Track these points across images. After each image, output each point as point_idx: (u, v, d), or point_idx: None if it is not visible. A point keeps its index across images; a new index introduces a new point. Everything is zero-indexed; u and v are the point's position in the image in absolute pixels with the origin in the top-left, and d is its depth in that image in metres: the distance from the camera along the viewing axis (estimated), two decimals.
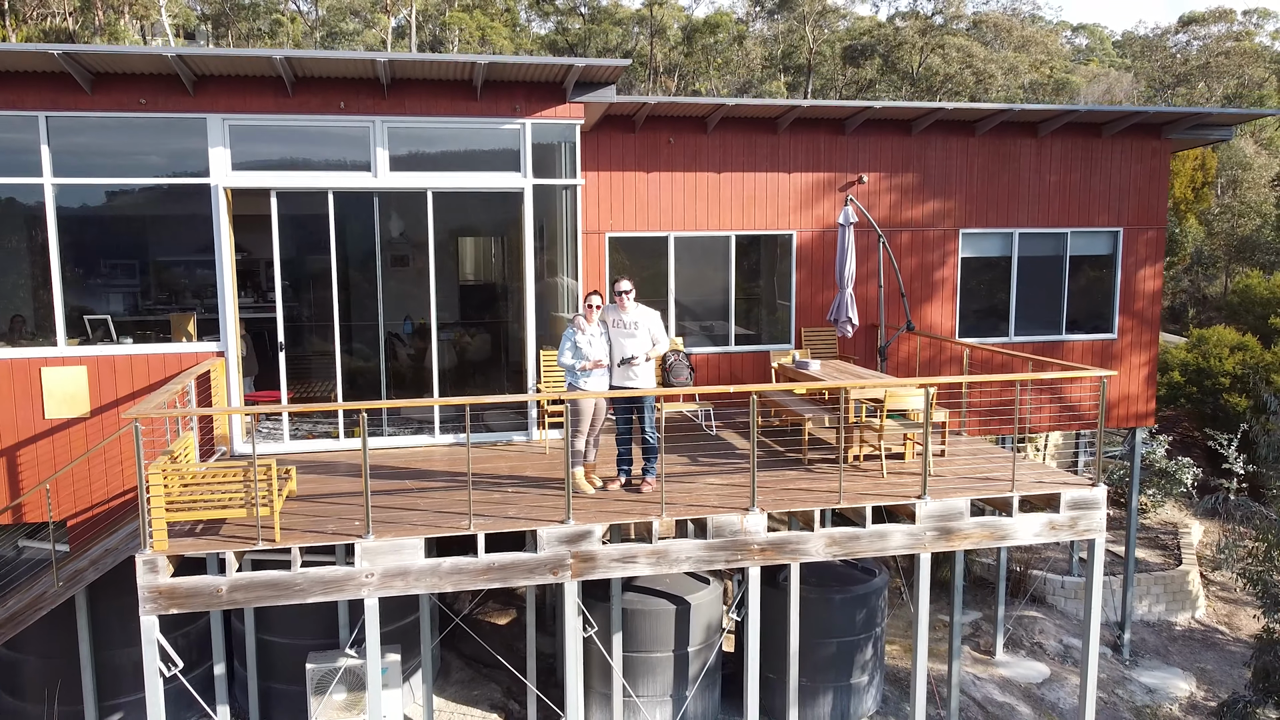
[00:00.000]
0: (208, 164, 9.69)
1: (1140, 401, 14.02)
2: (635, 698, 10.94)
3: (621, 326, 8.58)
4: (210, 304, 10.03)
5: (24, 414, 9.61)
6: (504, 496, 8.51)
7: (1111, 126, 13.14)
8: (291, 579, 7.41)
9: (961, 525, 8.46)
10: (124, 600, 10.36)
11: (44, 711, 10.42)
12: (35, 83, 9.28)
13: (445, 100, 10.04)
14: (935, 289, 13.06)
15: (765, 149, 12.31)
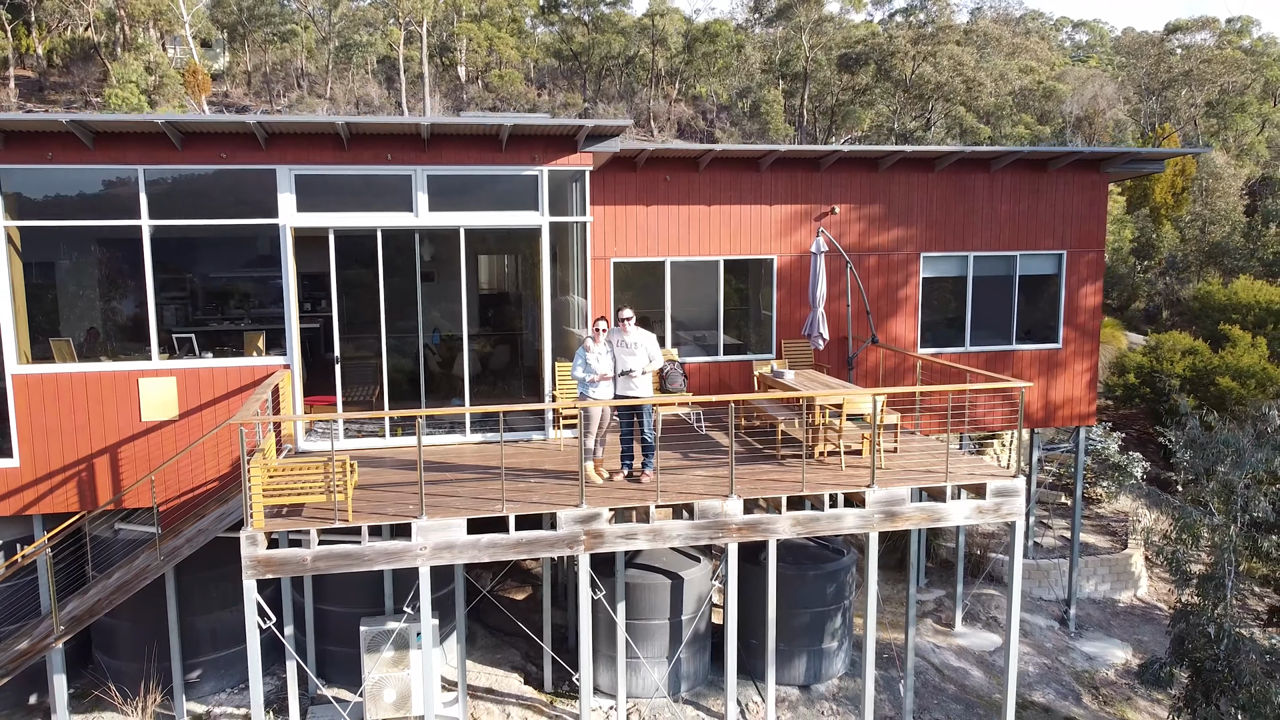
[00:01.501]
0: (277, 207, 11.54)
1: (1082, 403, 15.85)
2: (636, 659, 12.81)
3: (624, 346, 10.42)
4: (278, 323, 11.87)
5: (125, 417, 11.48)
6: (528, 485, 10.36)
7: (1055, 163, 14.96)
8: (361, 551, 9.28)
9: (904, 510, 10.31)
10: (203, 573, 12.24)
11: (137, 669, 12.30)
12: (136, 141, 11.12)
13: (475, 151, 11.88)
14: (900, 306, 14.89)
15: (749, 184, 14.14)
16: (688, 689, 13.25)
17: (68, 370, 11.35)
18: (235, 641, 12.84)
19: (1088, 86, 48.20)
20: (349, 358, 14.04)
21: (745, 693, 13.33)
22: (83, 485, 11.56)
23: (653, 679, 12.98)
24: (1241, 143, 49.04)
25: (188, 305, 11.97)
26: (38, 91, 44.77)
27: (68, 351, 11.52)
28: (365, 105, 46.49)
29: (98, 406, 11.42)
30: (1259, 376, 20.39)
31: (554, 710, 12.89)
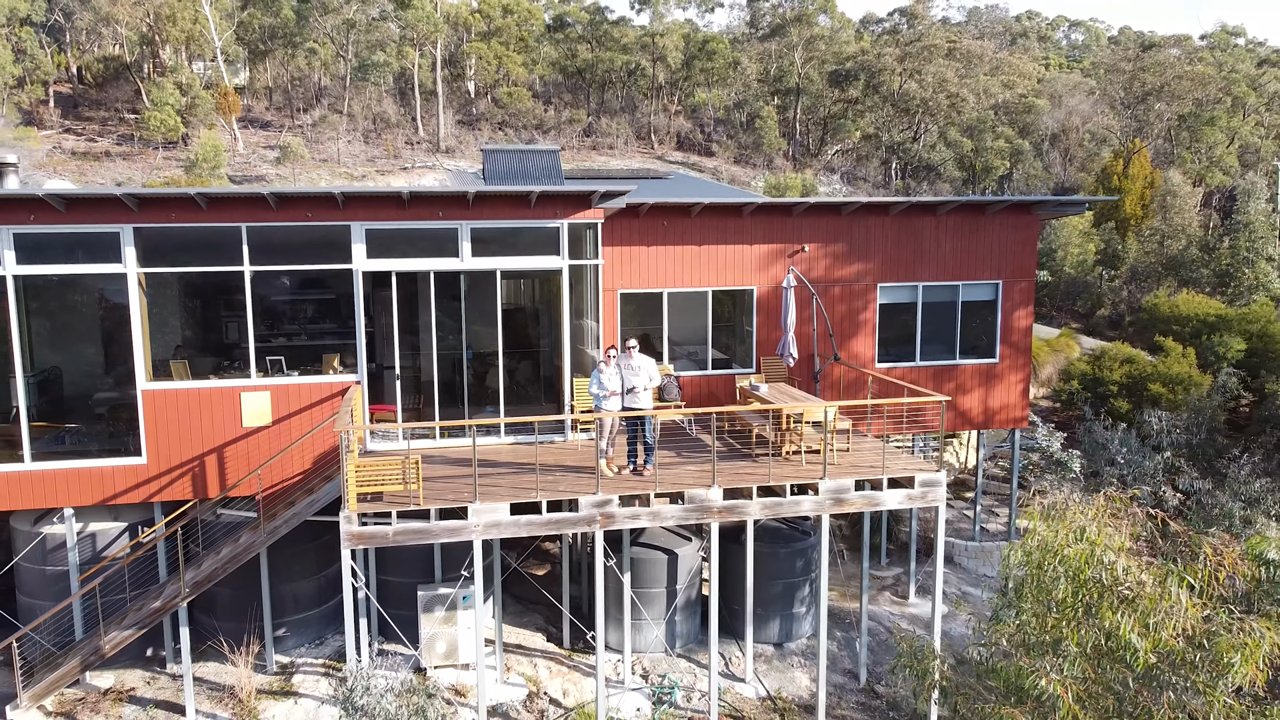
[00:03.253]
0: (350, 255, 14.37)
1: (1017, 409, 18.69)
2: (639, 621, 15.66)
3: (629, 368, 13.25)
4: (348, 337, 14.70)
5: (229, 424, 14.33)
6: (554, 477, 13.20)
7: (992, 207, 17.78)
8: (430, 527, 12.13)
9: (849, 497, 13.16)
10: (287, 549, 15.05)
11: (234, 628, 15.13)
12: (240, 204, 13.95)
13: (509, 209, 14.70)
14: (860, 328, 17.72)
15: (733, 228, 16.96)
16: (681, 645, 16.12)
17: (185, 386, 14.21)
18: (312, 606, 15.71)
19: (1065, 101, 50.90)
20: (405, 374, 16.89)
21: (728, 649, 16.19)
22: (195, 478, 14.42)
23: (652, 637, 15.86)
24: (1212, 155, 51.73)
25: (277, 330, 14.80)
26: (73, 109, 47.53)
27: (183, 370, 14.37)
28: (381, 121, 49.27)
29: (208, 415, 14.27)
30: (1185, 383, 23.20)
31: (572, 662, 15.76)
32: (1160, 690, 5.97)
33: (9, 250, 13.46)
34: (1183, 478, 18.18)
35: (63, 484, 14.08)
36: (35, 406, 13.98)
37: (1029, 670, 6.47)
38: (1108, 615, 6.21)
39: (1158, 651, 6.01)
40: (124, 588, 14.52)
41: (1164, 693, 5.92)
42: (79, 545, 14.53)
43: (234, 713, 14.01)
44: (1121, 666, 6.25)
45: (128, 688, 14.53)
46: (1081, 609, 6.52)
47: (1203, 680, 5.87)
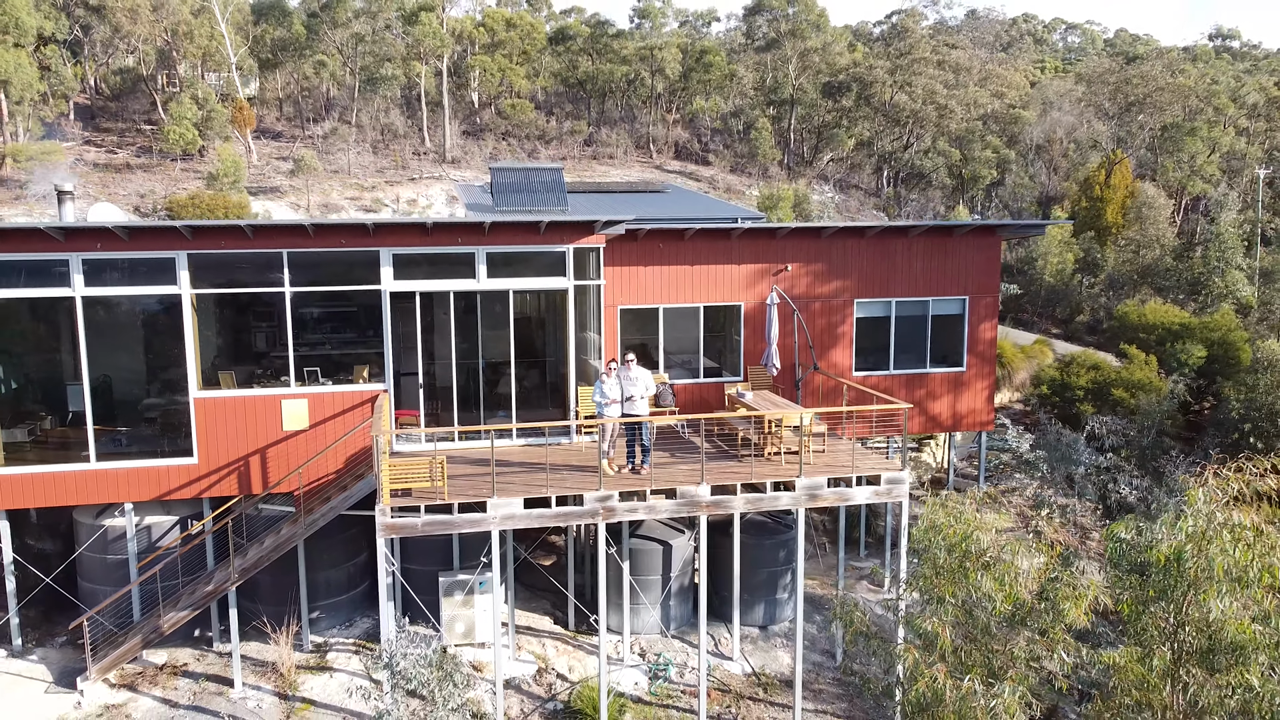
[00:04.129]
0: (379, 276, 16.08)
1: (983, 413, 20.42)
2: (637, 605, 17.38)
3: (628, 379, 14.96)
4: (378, 357, 16.41)
5: (271, 428, 16.05)
6: (561, 475, 14.91)
7: (959, 230, 19.50)
8: (453, 520, 13.84)
9: (822, 493, 14.88)
10: (323, 540, 16.73)
11: (274, 611, 16.82)
12: (280, 232, 15.67)
13: (521, 236, 16.42)
14: (839, 340, 19.45)
15: (722, 249, 18.68)
16: (675, 627, 17.85)
17: (231, 394, 15.93)
18: (342, 591, 17.43)
19: (1050, 114, 52.61)
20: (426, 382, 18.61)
21: (717, 631, 17.93)
22: (240, 477, 16.15)
23: (649, 619, 17.59)
24: (1194, 164, 53.40)
25: (313, 343, 16.52)
26: (91, 119, 49.20)
27: (230, 380, 16.10)
28: (389, 132, 50.99)
29: (252, 420, 16.00)
30: (1146, 388, 24.91)
31: (577, 642, 17.49)
32: (1016, 628, 7.66)
33: (79, 274, 15.18)
34: (1124, 476, 19.94)
35: (123, 481, 15.80)
36: (96, 412, 15.70)
37: (918, 616, 8.17)
38: (973, 575, 7.92)
39: (1014, 602, 7.72)
40: (176, 574, 16.24)
41: (1019, 630, 7.60)
42: (130, 537, 16.24)
43: (276, 686, 15.73)
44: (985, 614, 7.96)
45: (180, 664, 16.25)
46: (956, 571, 8.24)
47: (1046, 622, 7.57)
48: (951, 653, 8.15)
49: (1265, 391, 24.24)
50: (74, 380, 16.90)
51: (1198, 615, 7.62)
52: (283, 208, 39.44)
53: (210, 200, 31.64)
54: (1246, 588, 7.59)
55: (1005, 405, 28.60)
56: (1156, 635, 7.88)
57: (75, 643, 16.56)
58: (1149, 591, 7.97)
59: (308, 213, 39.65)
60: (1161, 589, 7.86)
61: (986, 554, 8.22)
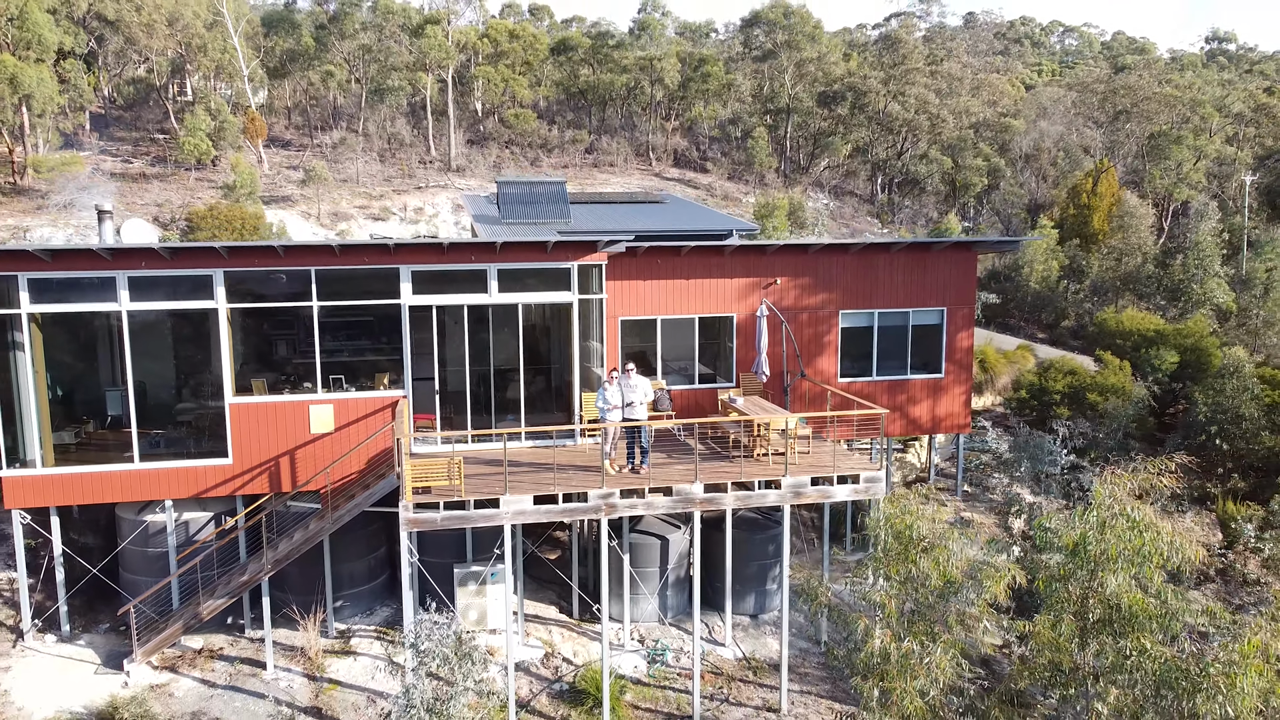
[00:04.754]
0: (399, 291, 17.46)
1: (960, 417, 21.80)
2: (636, 595, 18.76)
3: (629, 387, 16.34)
4: (398, 364, 17.78)
5: (299, 431, 17.43)
6: (567, 475, 16.29)
7: (936, 247, 20.88)
8: (469, 515, 15.22)
9: (806, 491, 16.26)
10: (345, 534, 18.10)
11: (301, 600, 18.19)
12: (311, 252, 17.05)
13: (529, 254, 17.79)
14: (825, 348, 20.82)
15: (716, 264, 20.06)
16: (671, 616, 19.23)
17: (263, 400, 17.32)
18: (364, 582, 18.80)
19: (1039, 124, 53.98)
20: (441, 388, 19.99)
21: (711, 619, 19.31)
22: (271, 476, 17.53)
23: (648, 608, 18.97)
24: (1180, 171, 54.75)
25: (337, 351, 17.90)
26: (105, 128, 50.56)
27: (261, 387, 17.48)
28: (395, 141, 52.36)
29: (282, 424, 17.39)
30: (1120, 392, 26.27)
31: (581, 629, 18.88)
32: (948, 601, 9.01)
33: (124, 290, 16.57)
34: (1086, 475, 21.31)
35: (164, 480, 17.20)
36: (139, 414, 17.09)
37: (868, 591, 9.55)
38: (913, 557, 9.28)
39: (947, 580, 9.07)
40: (211, 566, 17.62)
41: (950, 604, 8.94)
42: (170, 531, 17.62)
43: (305, 668, 17.12)
44: (924, 590, 9.32)
45: (216, 648, 17.63)
46: (901, 554, 9.61)
47: (973, 597, 8.92)
48: (897, 620, 9.54)
49: (1231, 395, 25.62)
50: (112, 386, 18.36)
51: (1099, 590, 9.00)
52: (294, 216, 40.81)
53: (228, 211, 32.99)
54: (1138, 567, 8.95)
55: (988, 408, 29.97)
56: (1066, 607, 9.28)
57: (118, 629, 17.94)
58: (1060, 570, 9.38)
59: (318, 221, 41.05)
60: (1070, 569, 9.25)
61: (925, 540, 9.60)
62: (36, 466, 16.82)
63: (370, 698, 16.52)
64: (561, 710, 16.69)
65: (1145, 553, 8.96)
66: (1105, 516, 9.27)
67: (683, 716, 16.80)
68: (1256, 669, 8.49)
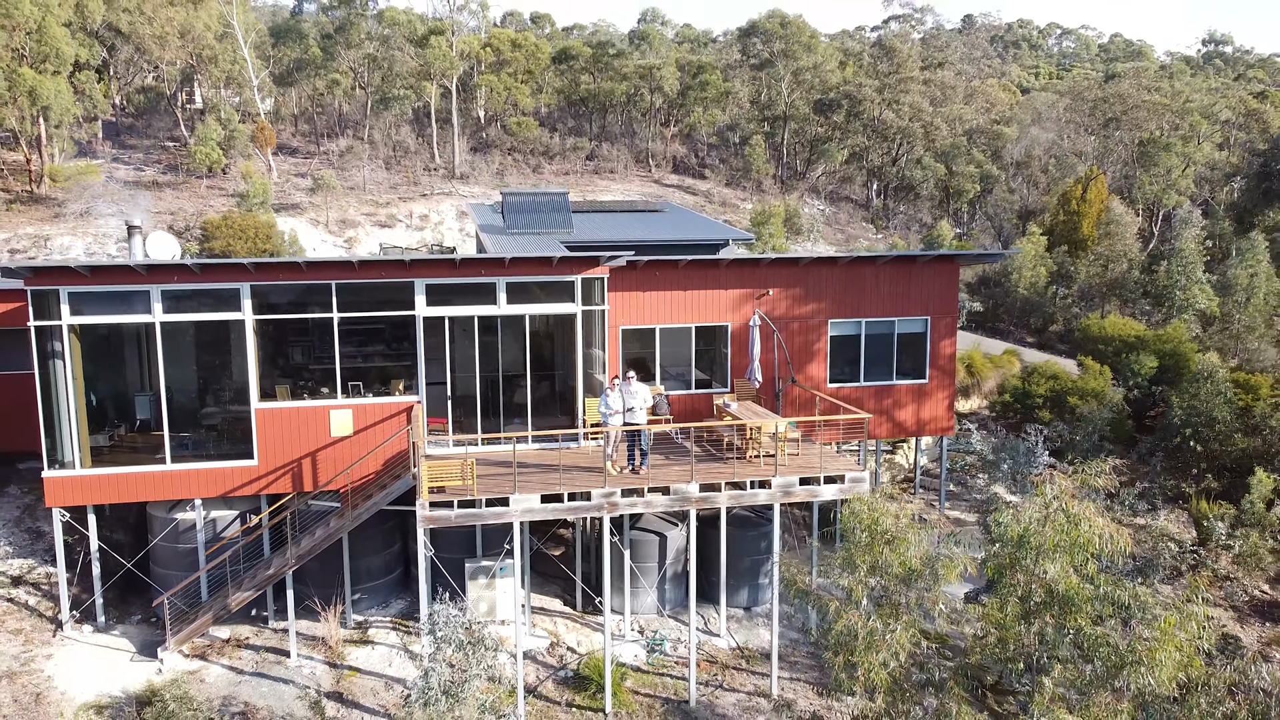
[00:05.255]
0: (414, 303, 18.62)
1: (944, 420, 22.96)
2: (636, 589, 19.92)
3: (629, 393, 17.50)
4: (412, 371, 18.94)
5: (320, 434, 18.59)
6: (571, 475, 17.44)
7: (920, 260, 22.05)
8: (481, 513, 16.38)
9: (794, 490, 17.42)
10: (362, 531, 19.24)
11: (321, 593, 19.33)
12: (331, 267, 18.19)
13: (536, 268, 18.96)
14: (815, 355, 21.99)
15: (711, 276, 21.23)
16: (670, 608, 20.40)
17: (286, 405, 18.48)
18: (380, 576, 19.96)
19: (1029, 131, 55.18)
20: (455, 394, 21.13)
21: (707, 611, 20.47)
22: (294, 476, 18.69)
23: (647, 601, 20.14)
24: (1169, 178, 55.93)
25: (355, 359, 19.08)
26: (115, 136, 51.70)
27: (285, 393, 18.64)
28: (401, 148, 53.55)
29: (304, 428, 18.55)
30: (1099, 396, 27.45)
31: (584, 620, 20.04)
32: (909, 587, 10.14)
33: (158, 303, 17.73)
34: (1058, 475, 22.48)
35: (194, 480, 18.36)
36: (156, 420, 18.25)
37: (839, 576, 10.70)
38: (879, 548, 10.43)
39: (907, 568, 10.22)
40: (237, 561, 18.78)
41: (910, 589, 10.06)
42: (199, 528, 18.77)
43: (326, 656, 18.28)
44: (888, 577, 10.48)
45: (242, 638, 18.79)
46: (868, 545, 10.77)
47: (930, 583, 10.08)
48: (861, 601, 10.71)
49: (1205, 399, 26.79)
50: (140, 392, 19.56)
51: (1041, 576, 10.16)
52: (304, 224, 41.96)
53: (241, 220, 34.15)
54: (1074, 555, 10.09)
55: (975, 411, 31.15)
56: (1013, 591, 10.43)
57: (149, 620, 19.10)
58: (1007, 559, 10.55)
59: (326, 228, 42.20)
60: (1015, 557, 10.41)
61: (889, 533, 10.76)
62: (75, 468, 17.98)
63: (387, 683, 17.69)
64: (566, 695, 17.86)
65: (1080, 543, 10.13)
66: (1046, 512, 10.42)
67: (679, 701, 17.96)
68: (1175, 644, 9.68)
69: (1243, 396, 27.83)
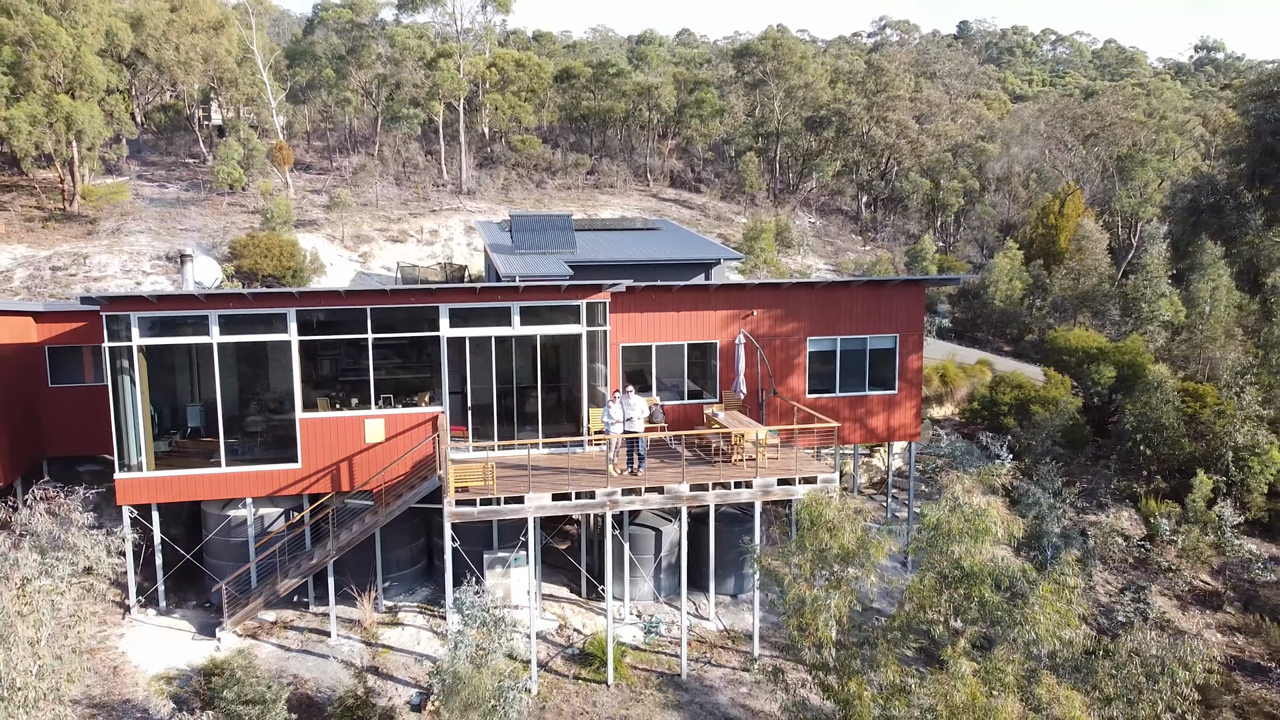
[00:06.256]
0: (439, 325, 21.13)
1: (911, 427, 25.48)
2: (635, 578, 22.43)
3: (628, 404, 20.01)
4: (434, 384, 21.45)
5: (356, 441, 21.10)
6: (579, 477, 19.94)
7: (890, 284, 24.58)
8: (499, 509, 18.90)
9: (773, 490, 19.94)
10: (392, 527, 21.72)
11: (357, 581, 21.81)
12: (367, 295, 20.71)
13: (546, 294, 21.48)
14: (795, 369, 24.51)
15: (702, 298, 23.75)
16: (664, 595, 22.91)
17: (327, 415, 21.00)
18: (407, 566, 22.46)
19: (1009, 149, 57.77)
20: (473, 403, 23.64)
21: (697, 598, 22.97)
22: (333, 478, 21.20)
23: (644, 589, 22.65)
24: (1144, 192, 58.43)
25: (386, 373, 21.60)
26: (137, 153, 54.20)
27: (325, 404, 21.15)
28: (410, 165, 56.07)
29: (342, 435, 21.06)
30: (1058, 404, 29.95)
31: (588, 606, 22.56)
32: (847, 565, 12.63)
33: (215, 326, 20.24)
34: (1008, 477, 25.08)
35: (246, 481, 20.88)
36: (214, 426, 20.77)
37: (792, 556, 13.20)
38: (821, 533, 12.95)
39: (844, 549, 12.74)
40: (283, 553, 21.27)
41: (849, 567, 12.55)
42: (249, 524, 21.27)
43: (362, 637, 20.78)
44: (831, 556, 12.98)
45: (287, 620, 21.30)
46: (812, 530, 13.28)
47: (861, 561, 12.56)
48: (809, 577, 13.22)
49: (1155, 407, 29.32)
50: (191, 402, 22.11)
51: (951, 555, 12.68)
52: (321, 239, 44.45)
53: (266, 240, 36.67)
54: (977, 539, 12.59)
55: (948, 417, 33.67)
56: (930, 567, 12.92)
57: (203, 605, 21.60)
58: (925, 541, 13.07)
59: (342, 244, 44.70)
60: (932, 540, 12.92)
61: (830, 522, 13.28)
62: (142, 470, 20.48)
63: (417, 659, 20.20)
64: (574, 670, 20.37)
65: (981, 528, 12.61)
66: (953, 505, 12.92)
67: (673, 675, 20.48)
68: (1052, 607, 12.19)
69: (1191, 405, 30.37)
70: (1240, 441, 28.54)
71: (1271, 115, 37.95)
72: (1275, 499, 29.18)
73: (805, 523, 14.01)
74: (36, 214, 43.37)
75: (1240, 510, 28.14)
